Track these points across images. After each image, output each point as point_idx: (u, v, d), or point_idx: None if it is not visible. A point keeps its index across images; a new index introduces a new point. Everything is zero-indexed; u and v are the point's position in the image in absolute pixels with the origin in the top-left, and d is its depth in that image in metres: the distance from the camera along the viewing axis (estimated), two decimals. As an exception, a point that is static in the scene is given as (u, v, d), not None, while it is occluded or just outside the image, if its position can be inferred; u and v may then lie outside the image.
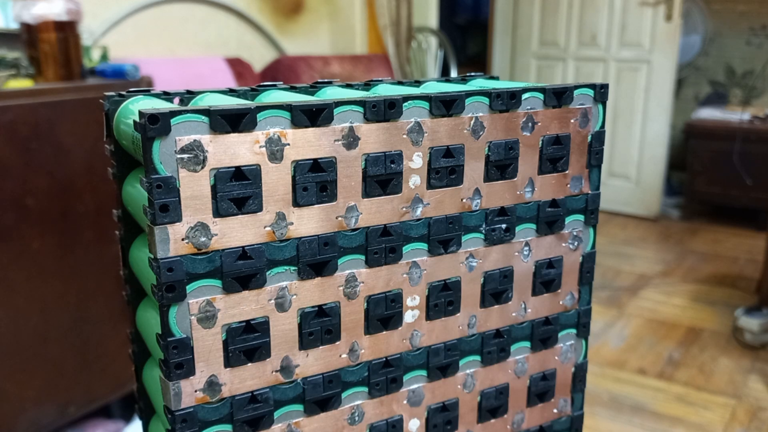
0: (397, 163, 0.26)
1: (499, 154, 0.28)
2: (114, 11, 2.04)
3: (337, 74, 2.51)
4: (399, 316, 0.28)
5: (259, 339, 0.25)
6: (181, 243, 0.22)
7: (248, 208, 0.23)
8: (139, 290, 0.31)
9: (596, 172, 0.32)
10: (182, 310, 0.23)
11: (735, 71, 3.29)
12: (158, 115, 0.21)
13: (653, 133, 3.03)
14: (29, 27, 1.29)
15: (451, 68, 2.94)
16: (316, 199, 0.25)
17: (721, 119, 2.99)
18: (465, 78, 0.36)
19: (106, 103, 0.28)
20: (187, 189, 0.22)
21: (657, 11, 2.93)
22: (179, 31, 2.26)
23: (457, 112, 0.27)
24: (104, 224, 1.27)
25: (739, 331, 1.86)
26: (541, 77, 3.35)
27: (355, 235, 0.26)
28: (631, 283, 2.32)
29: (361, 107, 0.25)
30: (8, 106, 1.15)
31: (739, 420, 1.51)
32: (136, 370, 0.32)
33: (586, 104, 0.30)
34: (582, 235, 0.32)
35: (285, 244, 0.24)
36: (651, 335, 1.93)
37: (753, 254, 2.51)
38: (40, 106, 1.20)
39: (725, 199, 2.95)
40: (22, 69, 1.30)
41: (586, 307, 0.33)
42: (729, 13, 3.24)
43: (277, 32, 2.62)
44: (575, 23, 3.19)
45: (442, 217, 0.28)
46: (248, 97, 0.30)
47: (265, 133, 0.23)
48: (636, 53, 3.02)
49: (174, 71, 2.00)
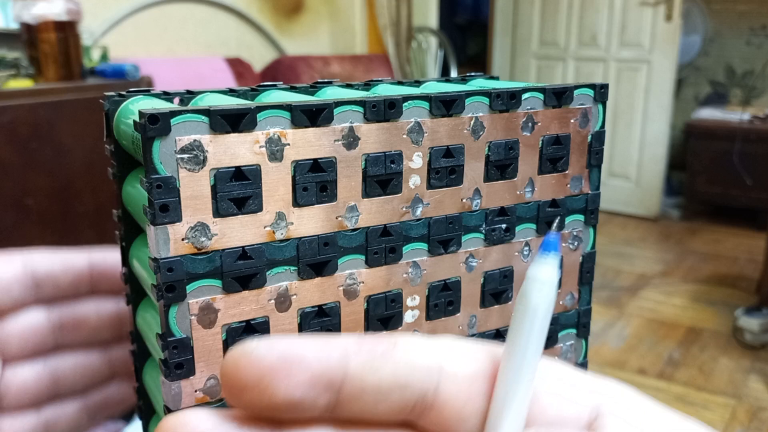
0: (397, 163, 0.26)
1: (499, 154, 0.28)
2: (114, 11, 2.04)
3: (337, 74, 2.51)
4: (399, 316, 0.28)
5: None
6: (181, 243, 0.22)
7: (248, 208, 0.23)
8: (139, 290, 0.31)
9: (596, 172, 0.32)
10: (182, 310, 0.23)
11: (735, 71, 3.29)
12: (158, 115, 0.21)
13: (653, 133, 3.03)
14: (29, 27, 1.29)
15: (451, 68, 2.94)
16: (316, 199, 0.24)
17: (721, 119, 2.98)
18: (465, 78, 0.36)
19: (106, 103, 0.28)
20: (187, 189, 0.22)
21: (657, 11, 2.93)
22: (179, 31, 2.26)
23: (457, 112, 0.27)
24: (104, 224, 1.27)
25: (739, 331, 1.86)
26: (541, 77, 3.35)
27: (355, 235, 0.26)
28: (631, 283, 2.32)
29: (361, 107, 0.25)
30: (8, 106, 1.15)
31: (739, 420, 1.51)
32: (136, 370, 0.32)
33: (586, 104, 0.30)
34: (582, 235, 0.32)
35: (285, 244, 0.24)
36: (651, 335, 1.94)
37: (753, 254, 2.51)
38: (40, 106, 1.20)
39: (725, 199, 2.95)
40: (22, 69, 1.30)
41: (586, 307, 0.33)
42: (729, 13, 3.24)
43: (277, 32, 2.62)
44: (575, 23, 3.19)
45: (442, 217, 0.28)
46: (248, 97, 0.30)
47: (265, 133, 0.23)
48: (636, 53, 3.02)
49: (174, 71, 2.00)
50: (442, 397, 0.16)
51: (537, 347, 0.16)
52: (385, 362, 0.15)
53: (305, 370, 0.15)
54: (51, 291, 0.32)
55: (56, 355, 0.32)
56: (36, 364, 0.32)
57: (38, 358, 0.32)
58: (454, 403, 0.16)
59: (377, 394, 0.15)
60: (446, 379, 0.16)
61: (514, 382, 0.16)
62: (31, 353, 0.32)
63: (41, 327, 0.31)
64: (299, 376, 0.15)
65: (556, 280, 0.16)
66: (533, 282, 0.16)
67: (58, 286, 0.32)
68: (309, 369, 0.15)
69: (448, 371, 0.16)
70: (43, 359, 0.32)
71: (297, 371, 0.15)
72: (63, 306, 0.32)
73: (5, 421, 0.31)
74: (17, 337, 0.31)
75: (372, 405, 0.15)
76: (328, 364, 0.15)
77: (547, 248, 0.16)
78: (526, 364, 0.16)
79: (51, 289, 0.32)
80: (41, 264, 0.31)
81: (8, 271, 0.30)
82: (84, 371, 0.33)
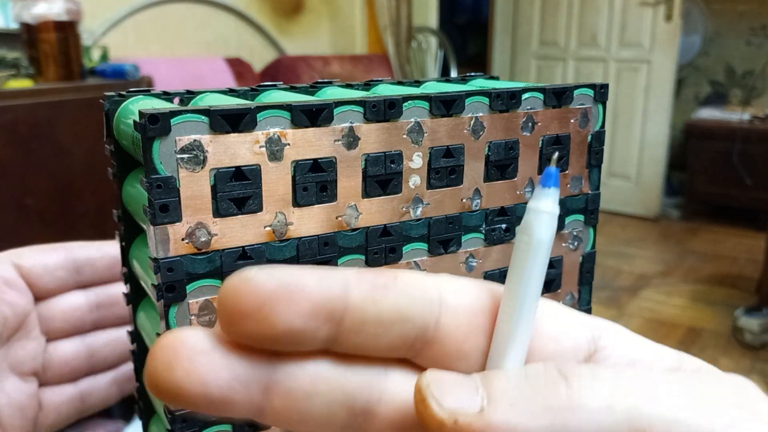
0: (397, 163, 0.26)
1: (499, 154, 0.28)
2: (114, 11, 2.04)
3: (337, 74, 2.51)
4: (399, 316, 0.28)
5: (259, 339, 0.25)
6: (181, 243, 0.22)
7: (248, 208, 0.23)
8: (139, 290, 0.31)
9: (596, 172, 0.32)
10: (182, 310, 0.23)
11: (735, 71, 3.29)
12: (158, 115, 0.21)
13: (653, 133, 3.03)
14: (29, 27, 1.29)
15: (451, 68, 2.94)
16: (316, 199, 0.24)
17: (721, 119, 2.98)
18: (465, 78, 0.36)
19: (106, 103, 0.28)
20: (187, 189, 0.22)
21: (657, 11, 2.93)
22: (179, 31, 2.26)
23: (457, 112, 0.27)
24: (104, 224, 1.27)
25: (739, 331, 1.86)
26: (541, 77, 3.35)
27: (355, 235, 0.26)
28: (631, 283, 2.32)
29: (361, 107, 0.25)
30: (8, 106, 1.15)
31: (739, 420, 1.51)
32: (136, 370, 0.32)
33: (586, 104, 0.30)
34: (582, 235, 0.32)
35: (285, 244, 0.24)
36: (651, 335, 1.92)
37: (753, 254, 2.51)
38: (40, 106, 1.20)
39: (725, 199, 2.95)
40: (22, 69, 1.30)
41: (586, 308, 0.33)
42: (729, 13, 3.24)
43: (277, 32, 2.62)
44: (575, 23, 3.19)
45: (442, 217, 0.28)
46: (248, 97, 0.30)
47: (265, 133, 0.23)
48: (636, 53, 3.02)
49: (174, 71, 2.00)
50: (443, 331, 0.15)
51: (539, 282, 0.15)
52: (387, 294, 0.15)
53: (306, 299, 0.14)
54: (89, 275, 0.35)
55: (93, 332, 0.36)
56: (75, 341, 0.35)
57: (77, 335, 0.36)
58: (455, 338, 0.16)
59: (378, 326, 0.15)
60: (447, 312, 0.16)
61: (517, 317, 0.15)
62: (72, 331, 0.35)
63: (81, 307, 0.35)
64: (300, 304, 0.14)
65: (557, 212, 0.16)
66: (536, 214, 0.15)
67: (96, 271, 0.36)
68: (310, 298, 0.14)
69: (449, 304, 0.16)
70: (81, 337, 0.36)
71: (298, 299, 0.14)
72: (99, 288, 0.36)
73: (47, 392, 0.34)
74: (60, 316, 0.35)
75: (373, 338, 0.15)
76: (330, 294, 0.14)
77: (547, 182, 0.16)
78: (528, 299, 0.15)
79: (89, 273, 0.35)
80: (81, 252, 0.35)
81: (53, 258, 0.34)
82: (116, 347, 0.37)
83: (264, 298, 0.14)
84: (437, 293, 0.16)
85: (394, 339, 0.15)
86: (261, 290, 0.14)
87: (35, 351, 0.34)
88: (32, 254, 0.34)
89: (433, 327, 0.15)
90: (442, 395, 0.14)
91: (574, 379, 0.14)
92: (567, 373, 0.15)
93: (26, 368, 0.33)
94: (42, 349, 0.34)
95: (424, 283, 0.16)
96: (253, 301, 0.14)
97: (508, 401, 0.14)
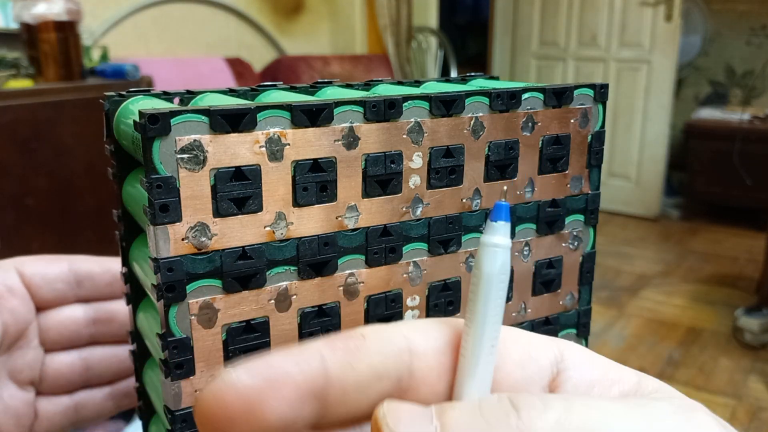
0: (397, 163, 0.26)
1: (499, 154, 0.28)
2: (114, 11, 2.04)
3: (337, 74, 2.51)
4: (399, 316, 0.28)
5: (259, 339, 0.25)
6: (181, 243, 0.22)
7: (248, 208, 0.23)
8: (139, 290, 0.31)
9: (596, 172, 0.32)
10: (182, 310, 0.23)
11: (735, 71, 3.29)
12: (158, 115, 0.21)
13: (653, 133, 3.03)
14: (29, 27, 1.29)
15: (451, 68, 2.94)
16: (316, 199, 0.24)
17: (721, 119, 2.98)
18: (465, 78, 0.36)
19: (106, 103, 0.28)
20: (187, 189, 0.22)
21: (657, 11, 2.93)
22: (179, 31, 2.26)
23: (457, 112, 0.27)
24: (104, 224, 1.27)
25: (739, 331, 1.86)
26: (541, 77, 3.35)
27: (355, 235, 0.26)
28: (631, 283, 2.32)
29: (361, 107, 0.25)
30: (8, 106, 1.15)
31: (739, 420, 1.51)
32: (136, 370, 0.32)
33: (586, 104, 0.30)
34: (582, 235, 0.32)
35: (285, 244, 0.24)
36: (651, 335, 1.94)
37: (753, 254, 2.51)
38: (40, 106, 1.20)
39: (725, 199, 2.95)
40: (22, 69, 1.30)
41: (586, 307, 0.33)
42: (729, 13, 3.24)
43: (277, 32, 2.62)
44: (575, 23, 3.19)
45: (442, 217, 0.28)
46: (248, 97, 0.30)
47: (265, 133, 0.23)
48: (636, 53, 3.02)
49: (174, 71, 2.00)
50: (416, 377, 0.16)
51: (496, 313, 0.16)
52: (360, 357, 0.15)
53: (291, 385, 0.14)
54: (90, 290, 0.35)
55: (90, 347, 0.36)
56: (72, 354, 0.35)
57: (74, 348, 0.35)
58: (429, 381, 0.16)
59: (358, 390, 0.15)
60: (417, 358, 0.16)
61: (477, 350, 0.16)
62: (69, 344, 0.35)
63: (78, 321, 0.35)
64: (286, 392, 0.14)
65: (509, 245, 0.16)
66: (484, 248, 0.16)
67: (97, 286, 0.35)
68: (294, 382, 0.15)
69: (417, 350, 0.16)
70: (78, 350, 0.36)
71: (283, 388, 0.14)
72: (99, 304, 0.36)
73: (43, 401, 0.35)
74: (57, 328, 0.34)
75: (355, 402, 0.15)
76: (311, 374, 0.15)
77: (498, 215, 0.16)
78: (486, 330, 0.16)
79: (90, 288, 0.35)
80: (83, 266, 0.35)
81: (54, 269, 0.34)
82: (113, 363, 0.36)
83: (251, 397, 0.14)
84: (404, 342, 0.16)
85: (374, 397, 0.16)
86: (247, 390, 0.14)
87: (34, 360, 0.34)
88: (34, 264, 0.34)
89: (407, 376, 0.16)
90: (396, 425, 0.15)
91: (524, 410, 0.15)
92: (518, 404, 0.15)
93: (24, 377, 0.33)
94: (40, 359, 0.34)
95: (390, 335, 0.16)
96: (241, 403, 0.14)
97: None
